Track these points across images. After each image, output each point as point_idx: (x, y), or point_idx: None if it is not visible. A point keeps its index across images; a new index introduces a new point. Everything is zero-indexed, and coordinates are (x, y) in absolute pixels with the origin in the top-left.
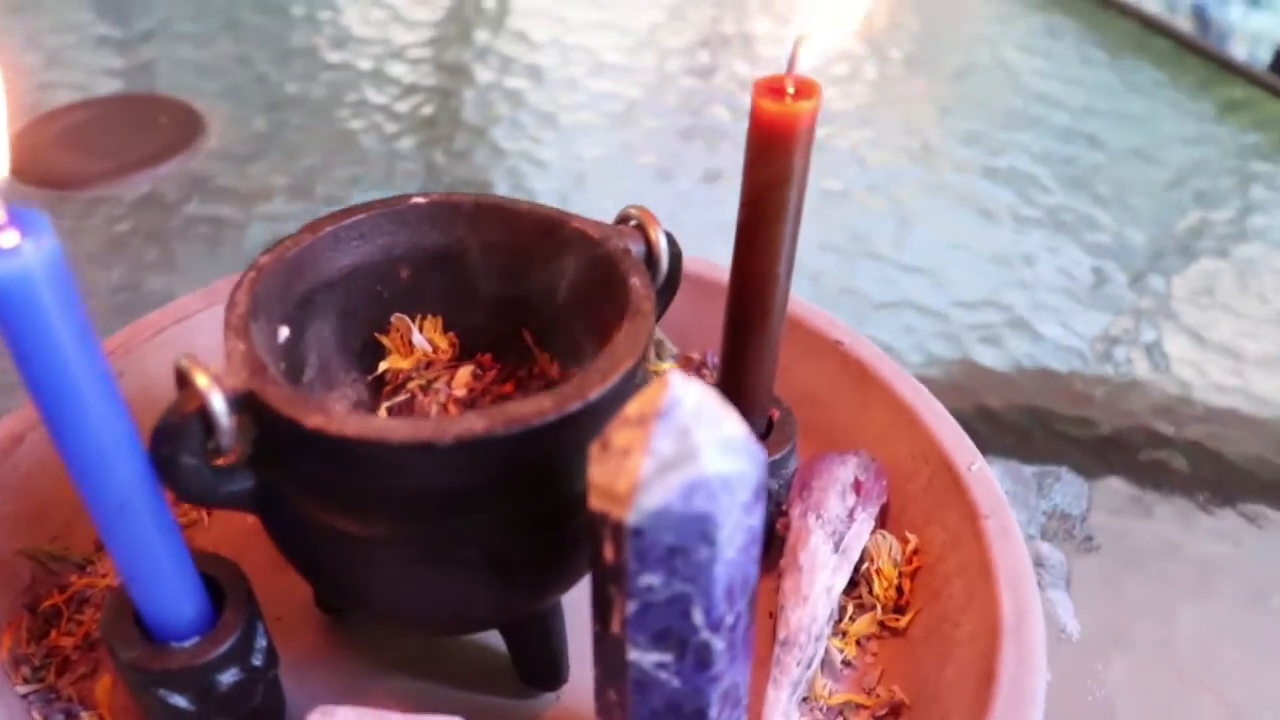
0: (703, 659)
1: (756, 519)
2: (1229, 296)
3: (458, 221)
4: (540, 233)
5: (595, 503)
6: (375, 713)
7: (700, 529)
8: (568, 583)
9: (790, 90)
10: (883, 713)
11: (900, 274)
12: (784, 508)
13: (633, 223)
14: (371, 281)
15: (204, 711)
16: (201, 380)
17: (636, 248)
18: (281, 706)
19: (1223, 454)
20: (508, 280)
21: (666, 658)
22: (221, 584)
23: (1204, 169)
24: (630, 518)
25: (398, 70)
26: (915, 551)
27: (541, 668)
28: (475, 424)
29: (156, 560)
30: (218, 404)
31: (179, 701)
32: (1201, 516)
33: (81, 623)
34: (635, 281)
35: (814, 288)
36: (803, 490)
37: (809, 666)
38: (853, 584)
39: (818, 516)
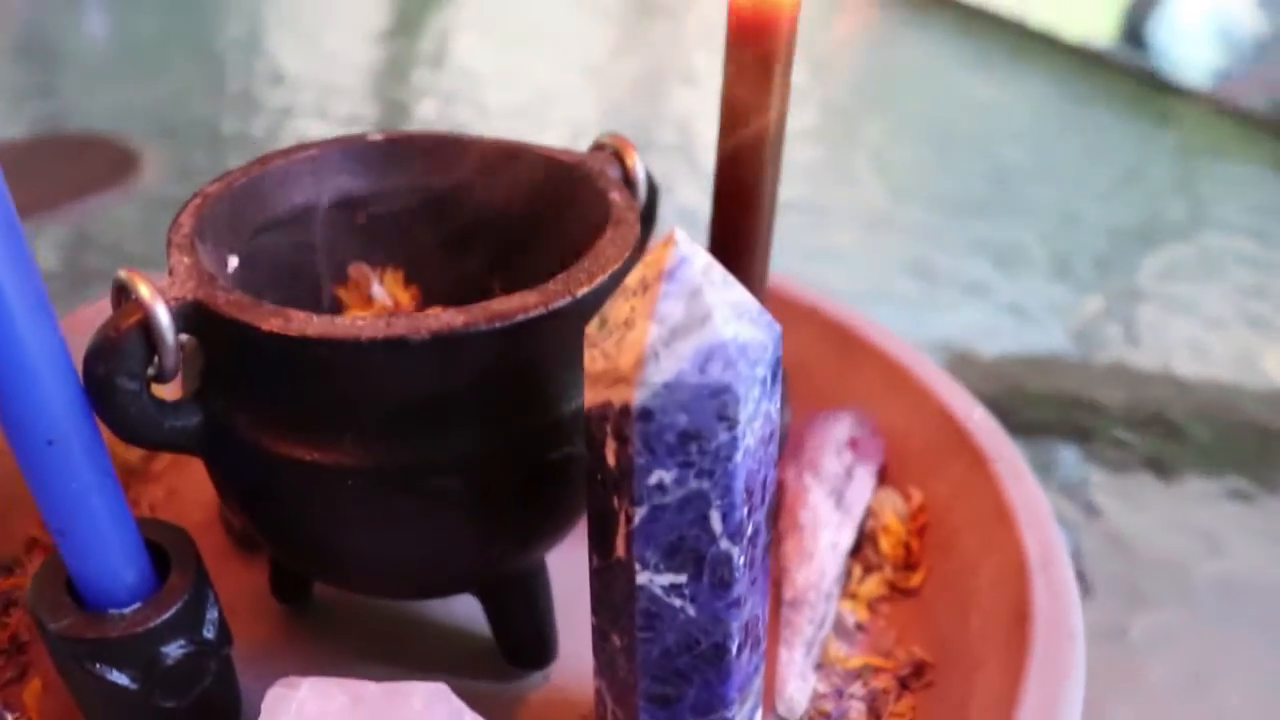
0: (722, 577)
1: (776, 405)
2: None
3: (420, 160)
4: (507, 163)
5: (594, 397)
6: (345, 682)
7: (718, 406)
8: (557, 528)
9: None
10: (905, 672)
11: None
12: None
13: (608, 150)
14: (327, 224)
15: (147, 691)
16: (144, 290)
17: (613, 173)
18: (236, 696)
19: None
20: (474, 221)
21: (680, 578)
22: (167, 551)
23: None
24: (638, 397)
25: (339, 107)
26: (920, 509)
27: (528, 642)
28: (454, 319)
29: (91, 509)
30: (162, 316)
31: (119, 679)
32: (1204, 482)
33: (8, 625)
34: (615, 196)
35: None
36: (796, 452)
37: (821, 627)
38: (857, 546)
39: (815, 474)
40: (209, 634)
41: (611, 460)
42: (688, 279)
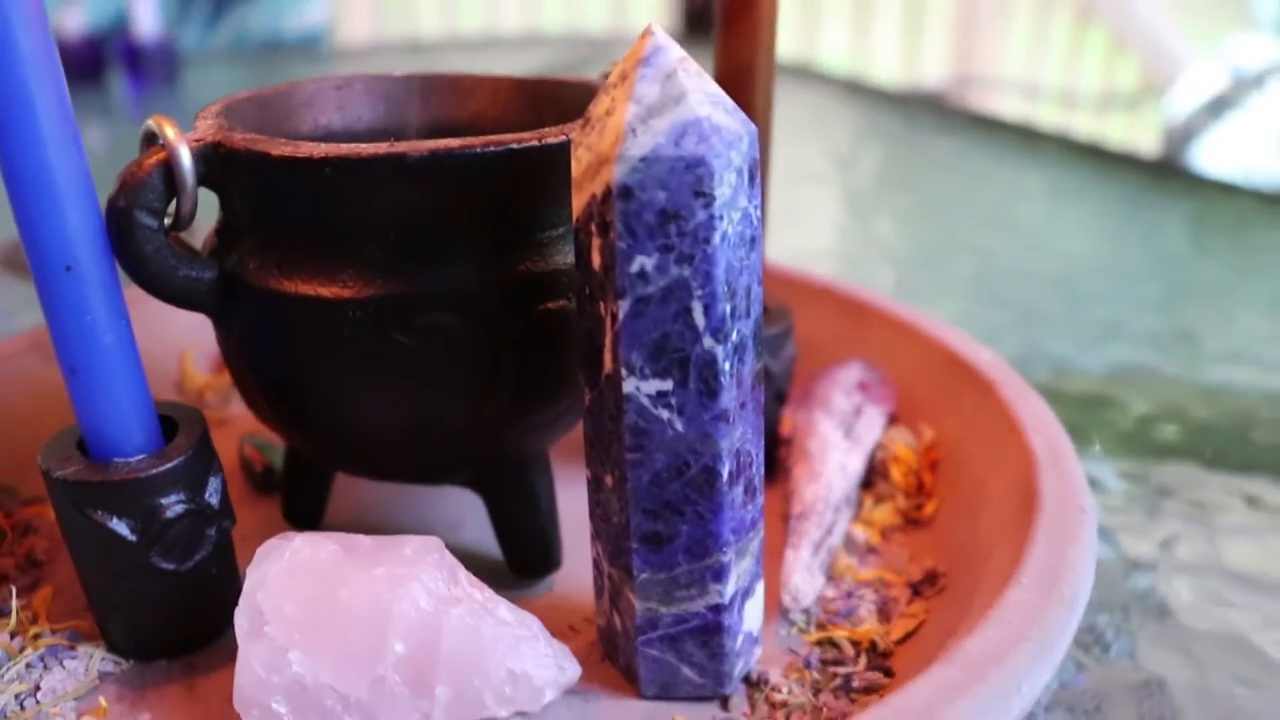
0: (708, 383)
1: (756, 206)
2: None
3: (436, 95)
4: (516, 93)
5: (580, 200)
6: (336, 534)
7: (693, 180)
8: (551, 395)
9: None
10: (918, 579)
11: None
12: (788, 409)
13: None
14: None
15: (146, 545)
16: (170, 132)
17: None
18: (236, 584)
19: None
20: None
21: (666, 384)
22: (176, 422)
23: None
24: (617, 173)
25: None
26: (932, 445)
27: (531, 549)
28: (451, 142)
29: (102, 347)
30: (184, 156)
31: (119, 528)
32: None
33: (25, 544)
34: None
35: None
36: (807, 397)
37: (829, 534)
38: (869, 482)
39: (824, 410)
40: (211, 499)
41: (597, 260)
42: (663, 64)
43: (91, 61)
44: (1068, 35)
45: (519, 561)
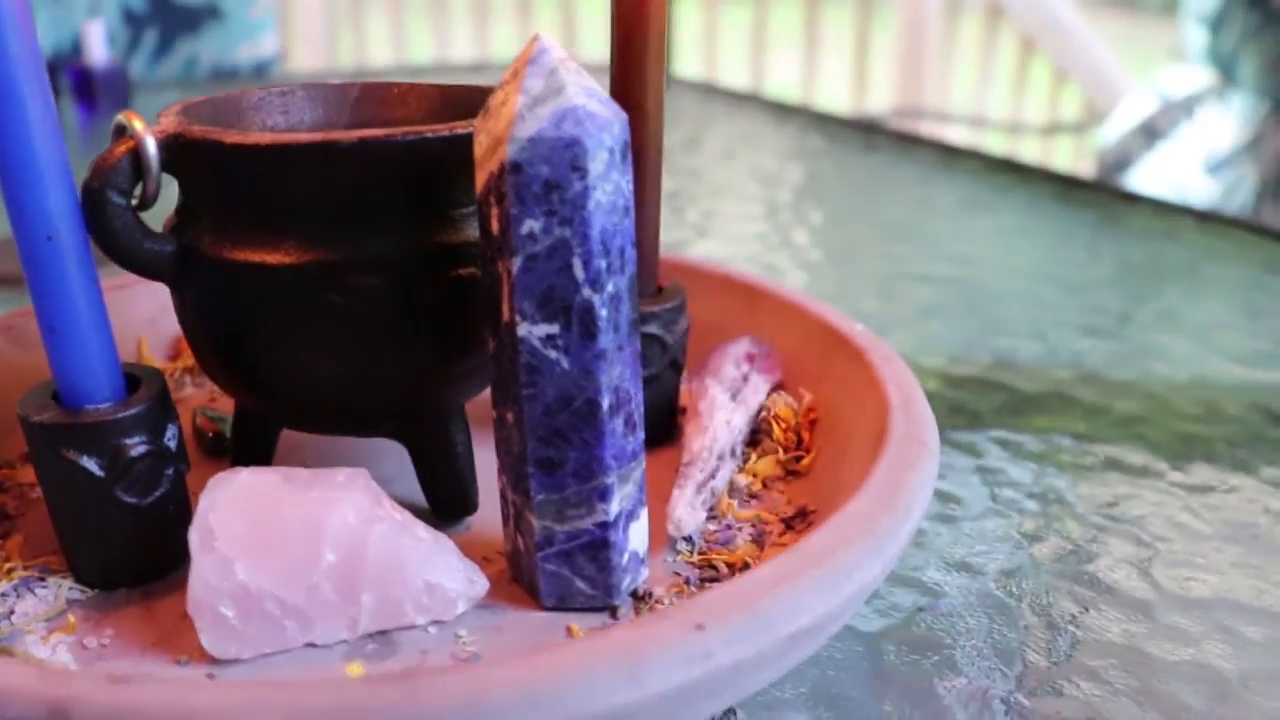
0: (588, 327)
1: (627, 182)
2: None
3: (368, 101)
4: (441, 100)
5: (482, 177)
6: (279, 469)
7: (571, 157)
8: (464, 352)
9: None
10: (790, 514)
11: None
12: (685, 379)
13: None
14: None
15: (112, 479)
16: (138, 125)
17: None
18: (188, 519)
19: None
20: None
21: (554, 328)
22: (140, 378)
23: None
24: (509, 152)
25: None
26: (811, 407)
27: (450, 492)
28: (376, 132)
29: (77, 308)
30: (149, 145)
31: (89, 465)
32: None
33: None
34: None
35: None
36: (700, 370)
37: (713, 477)
38: (755, 441)
39: (715, 378)
40: (169, 444)
41: (495, 226)
42: (547, 62)
43: None
44: (1012, 67)
45: (439, 503)
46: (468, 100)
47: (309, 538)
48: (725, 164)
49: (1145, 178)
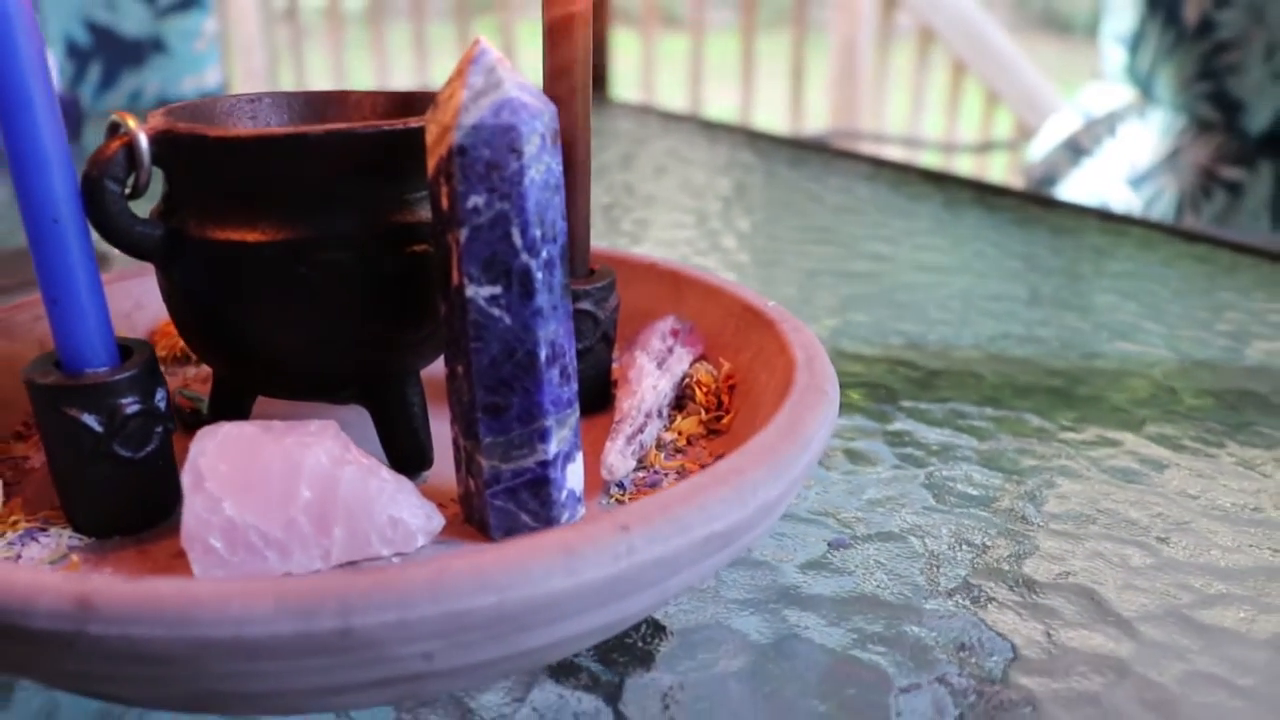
0: (526, 288)
1: (556, 163)
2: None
3: (327, 107)
4: (391, 107)
5: (433, 161)
6: (256, 422)
7: (509, 140)
8: (420, 318)
9: None
10: (709, 462)
11: None
12: (616, 353)
13: None
14: None
15: (109, 434)
16: (131, 123)
17: None
18: (174, 478)
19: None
20: None
21: (496, 289)
22: (131, 349)
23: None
24: (456, 138)
25: None
26: (730, 375)
27: (408, 449)
28: (340, 125)
29: (77, 282)
30: (142, 140)
31: (89, 421)
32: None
33: None
34: None
35: None
36: (629, 345)
37: (641, 431)
38: (680, 404)
39: (643, 350)
40: (159, 404)
41: (445, 202)
42: (486, 62)
43: None
44: (945, 89)
45: (398, 459)
46: (416, 103)
47: (287, 477)
48: (658, 178)
49: (1071, 191)
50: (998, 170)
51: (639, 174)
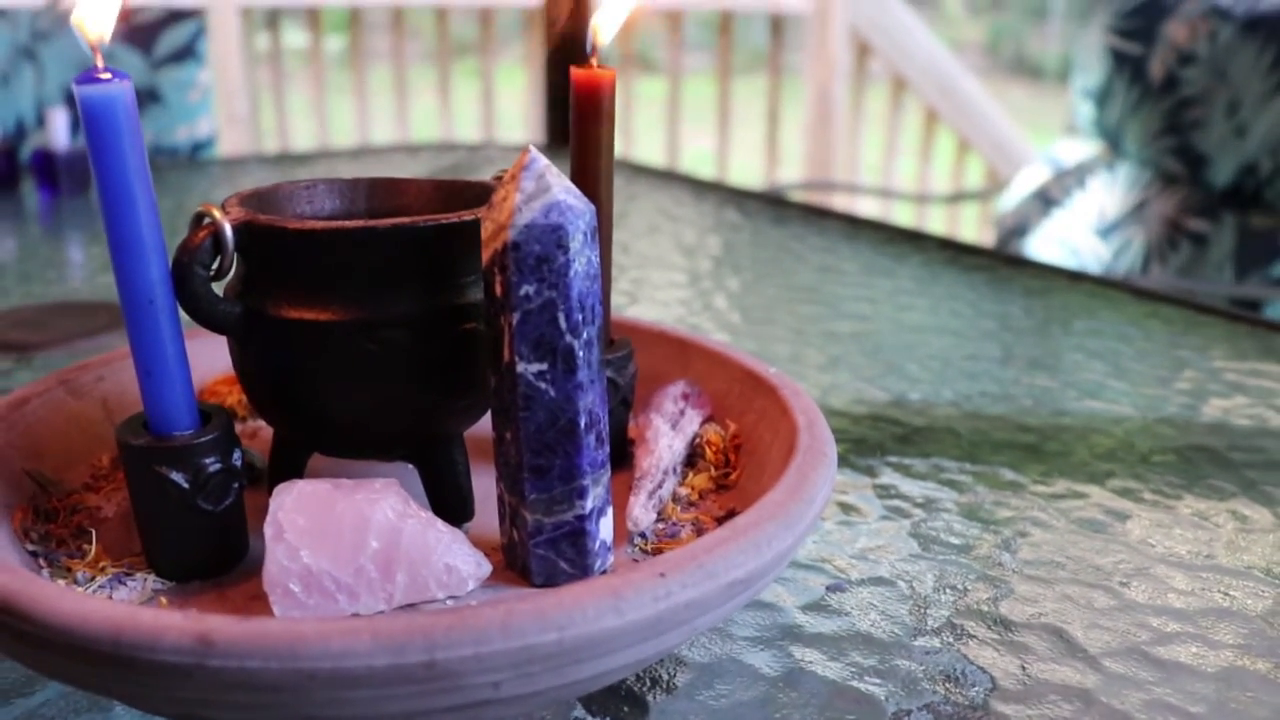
0: (569, 364)
1: (595, 255)
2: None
3: (375, 191)
4: (433, 191)
5: (487, 253)
6: (327, 481)
7: (556, 238)
8: (468, 387)
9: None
10: (722, 515)
11: None
12: (632, 415)
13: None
14: None
15: (194, 490)
16: (216, 214)
17: None
18: (245, 528)
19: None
20: None
21: (543, 366)
22: (210, 413)
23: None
24: (511, 235)
25: None
26: (736, 434)
27: (452, 501)
28: (405, 220)
29: (167, 356)
30: (227, 229)
31: (177, 478)
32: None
33: (73, 521)
34: None
35: None
36: (645, 406)
37: (660, 487)
38: (691, 461)
39: (658, 412)
40: (235, 463)
41: (499, 290)
42: (537, 169)
43: (8, 172)
44: (918, 138)
45: (443, 512)
46: (456, 192)
47: (357, 529)
48: (651, 236)
49: (1041, 242)
50: (970, 220)
51: (632, 232)
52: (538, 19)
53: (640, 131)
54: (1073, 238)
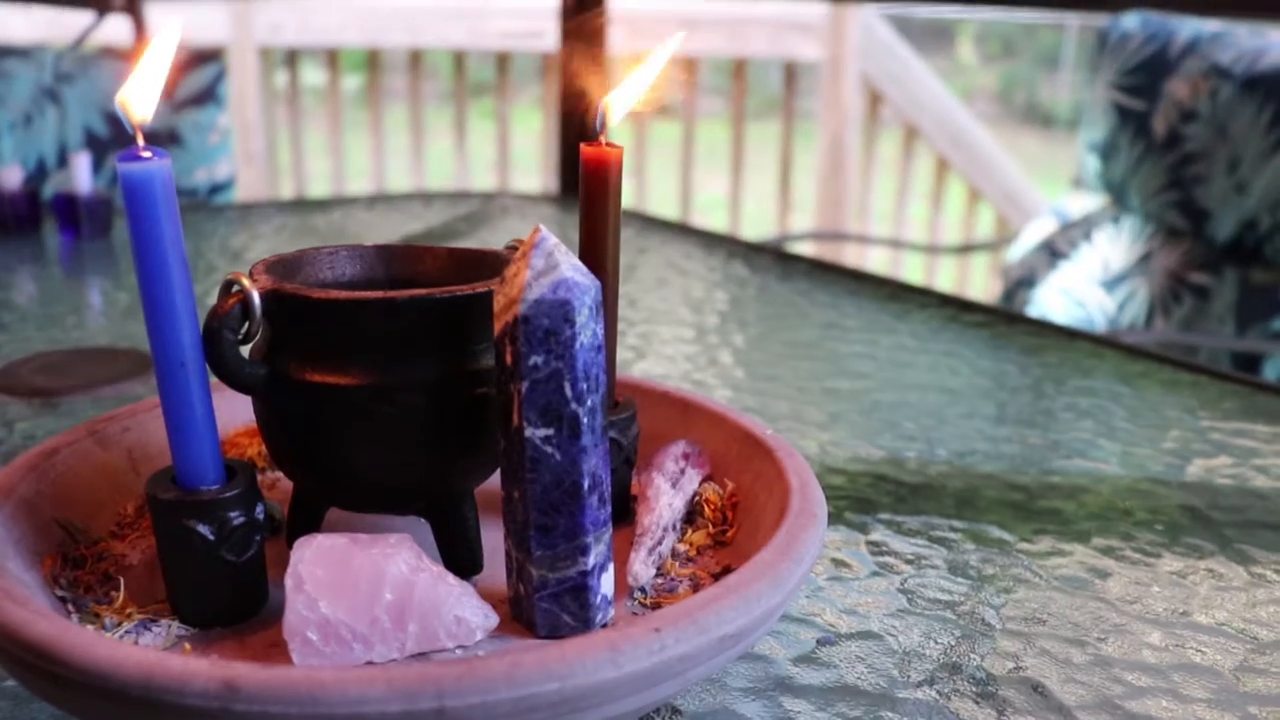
0: (574, 430)
1: (600, 328)
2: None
3: (393, 258)
4: (450, 259)
5: (499, 325)
6: (344, 535)
7: (564, 313)
8: (480, 447)
9: (605, 143)
10: (718, 571)
11: None
12: (635, 473)
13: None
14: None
15: (219, 542)
16: (245, 282)
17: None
18: (265, 576)
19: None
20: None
21: (550, 431)
22: (235, 468)
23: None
24: (521, 309)
25: None
26: (734, 493)
27: (462, 554)
28: (422, 292)
29: (196, 415)
30: (255, 296)
31: (203, 530)
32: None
33: (100, 568)
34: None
35: None
36: (647, 465)
37: (660, 543)
38: (690, 519)
39: (659, 471)
40: (258, 516)
41: (509, 359)
42: (547, 247)
43: (30, 214)
44: (929, 183)
45: (453, 565)
46: (471, 261)
47: (373, 582)
48: (660, 290)
49: (1048, 293)
50: (980, 269)
51: (641, 285)
52: (554, 64)
53: (654, 176)
54: (1078, 290)
